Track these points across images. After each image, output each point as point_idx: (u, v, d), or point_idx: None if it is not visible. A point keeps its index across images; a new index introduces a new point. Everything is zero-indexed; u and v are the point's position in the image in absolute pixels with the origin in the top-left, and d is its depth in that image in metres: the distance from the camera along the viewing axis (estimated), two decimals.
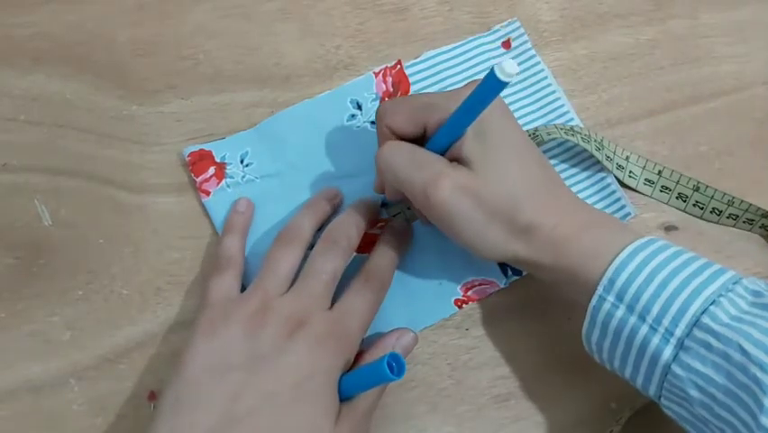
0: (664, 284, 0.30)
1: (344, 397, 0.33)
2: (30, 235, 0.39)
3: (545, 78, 0.44)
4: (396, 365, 0.30)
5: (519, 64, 0.44)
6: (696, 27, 0.47)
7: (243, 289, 0.35)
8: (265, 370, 0.31)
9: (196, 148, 0.40)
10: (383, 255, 0.37)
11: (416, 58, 0.43)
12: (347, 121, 0.41)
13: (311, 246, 0.36)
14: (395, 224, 0.39)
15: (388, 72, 0.42)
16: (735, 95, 0.45)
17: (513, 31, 0.44)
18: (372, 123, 0.41)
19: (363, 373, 0.33)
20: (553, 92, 0.43)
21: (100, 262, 0.38)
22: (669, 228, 0.42)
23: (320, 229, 0.38)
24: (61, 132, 0.41)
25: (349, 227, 0.37)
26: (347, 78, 0.43)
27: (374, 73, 0.42)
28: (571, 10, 0.46)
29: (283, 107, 0.42)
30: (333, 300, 0.35)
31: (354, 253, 0.38)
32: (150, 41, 0.43)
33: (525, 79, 0.44)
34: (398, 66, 0.43)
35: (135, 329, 0.38)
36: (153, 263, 0.39)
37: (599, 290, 0.31)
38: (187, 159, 0.40)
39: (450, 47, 0.44)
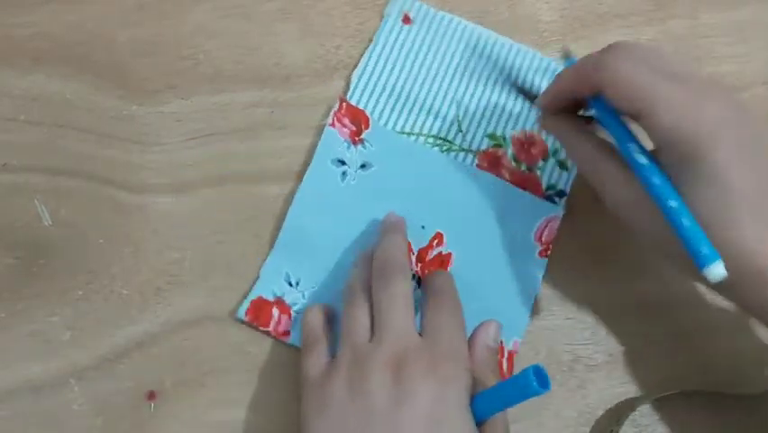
0: None
1: (480, 418, 0.31)
2: (30, 235, 0.39)
3: (460, 22, 0.44)
4: (540, 378, 0.28)
5: (428, 28, 0.44)
6: (696, 27, 0.47)
7: None
8: (389, 423, 0.30)
9: (247, 305, 0.38)
10: (438, 272, 0.37)
11: (346, 87, 0.42)
12: (342, 182, 0.40)
13: None
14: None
15: (340, 116, 0.41)
16: (735, 95, 0.45)
17: (405, 3, 0.44)
18: (362, 166, 0.41)
19: (504, 390, 0.30)
20: (473, 29, 0.44)
21: (100, 262, 0.38)
22: None
23: None
24: (61, 132, 0.41)
25: (391, 250, 0.36)
26: (347, 78, 0.43)
27: (329, 125, 0.41)
28: (571, 10, 0.46)
29: (283, 107, 0.42)
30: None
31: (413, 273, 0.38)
32: (150, 41, 0.43)
33: (444, 35, 0.44)
34: (343, 104, 0.41)
35: (135, 329, 0.38)
36: (153, 263, 0.39)
37: None
38: (247, 319, 0.38)
39: (366, 56, 0.43)
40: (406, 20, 0.44)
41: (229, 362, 0.37)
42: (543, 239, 0.40)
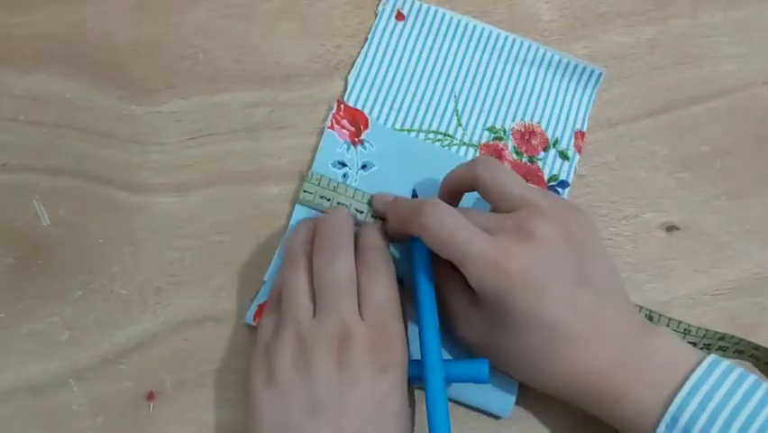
0: (729, 422, 0.29)
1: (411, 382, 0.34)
2: (29, 235, 0.39)
3: (453, 16, 0.44)
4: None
5: (421, 23, 0.44)
6: (696, 27, 0.47)
7: None
8: (334, 408, 0.30)
9: (254, 309, 0.37)
10: (368, 232, 0.37)
11: (344, 88, 0.42)
12: (344, 183, 0.40)
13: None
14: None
15: (339, 118, 0.41)
16: (735, 95, 0.45)
17: (397, 0, 0.44)
18: (363, 167, 0.41)
19: (453, 369, 0.34)
20: (466, 22, 0.44)
21: (100, 262, 0.38)
22: (670, 228, 0.42)
23: None
24: (61, 132, 0.41)
25: (337, 225, 0.35)
26: (346, 78, 0.43)
27: (328, 128, 0.41)
28: (572, 9, 0.46)
29: (283, 107, 0.42)
30: None
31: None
32: (150, 41, 0.43)
33: (438, 30, 0.44)
34: (341, 106, 0.41)
35: (135, 329, 0.38)
36: (153, 263, 0.39)
37: (661, 428, 0.30)
38: (255, 323, 0.37)
39: (362, 56, 0.43)
40: (399, 16, 0.44)
41: (229, 362, 0.37)
42: None
